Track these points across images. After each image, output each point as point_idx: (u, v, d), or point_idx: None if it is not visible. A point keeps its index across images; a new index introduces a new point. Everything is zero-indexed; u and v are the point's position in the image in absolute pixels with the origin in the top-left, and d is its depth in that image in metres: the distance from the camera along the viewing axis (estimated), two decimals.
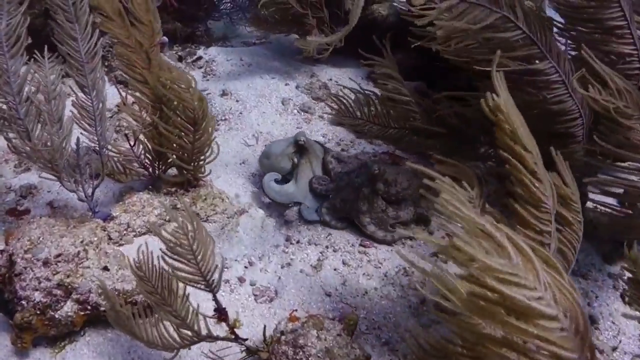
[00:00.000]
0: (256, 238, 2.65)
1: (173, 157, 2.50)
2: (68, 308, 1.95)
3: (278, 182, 2.85)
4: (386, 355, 2.17)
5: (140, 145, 2.54)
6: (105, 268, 1.99)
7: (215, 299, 1.59)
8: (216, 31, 4.88)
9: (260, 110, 3.67)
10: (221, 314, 1.58)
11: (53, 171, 2.14)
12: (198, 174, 2.57)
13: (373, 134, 3.22)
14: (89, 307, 1.97)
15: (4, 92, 2.01)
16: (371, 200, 2.70)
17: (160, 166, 2.58)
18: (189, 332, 1.63)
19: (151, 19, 2.39)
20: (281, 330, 1.83)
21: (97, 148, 2.24)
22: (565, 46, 2.56)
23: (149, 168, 2.56)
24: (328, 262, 2.53)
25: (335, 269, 2.49)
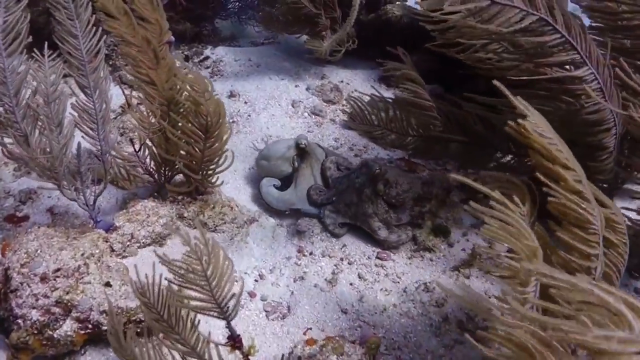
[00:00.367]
0: (267, 249, 2.51)
1: (180, 165, 2.35)
2: (67, 327, 1.81)
3: (276, 187, 2.74)
4: None
5: (145, 149, 2.40)
6: (107, 284, 1.85)
7: (229, 326, 1.45)
8: (223, 31, 4.74)
9: (269, 112, 3.53)
10: (235, 342, 1.44)
11: (52, 179, 1.99)
12: (207, 184, 2.42)
13: (390, 143, 3.03)
14: (90, 326, 1.83)
15: (0, 93, 1.87)
16: (374, 201, 2.58)
17: (166, 172, 2.43)
18: None
19: (158, 17, 2.25)
20: (298, 355, 1.68)
21: (99, 153, 2.09)
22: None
23: (155, 174, 2.42)
24: (343, 276, 2.38)
25: (351, 284, 2.35)
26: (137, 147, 2.37)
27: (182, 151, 2.32)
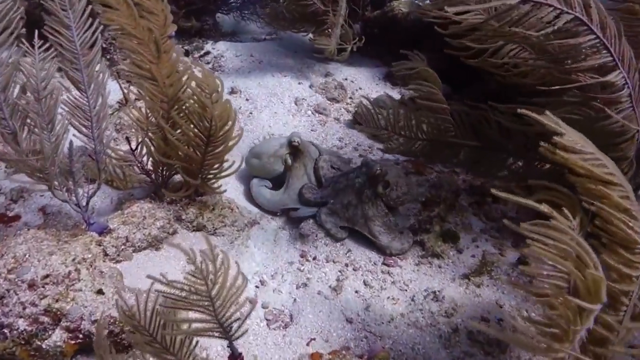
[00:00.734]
0: (268, 253, 2.40)
1: (179, 168, 2.23)
2: (57, 337, 1.70)
3: (267, 188, 2.63)
4: None
5: (143, 148, 2.28)
6: (99, 291, 1.74)
7: (231, 346, 1.34)
8: (225, 26, 4.62)
9: (271, 110, 3.42)
10: None
11: (42, 180, 1.88)
12: (207, 189, 2.30)
13: (396, 148, 2.83)
14: (81, 336, 1.72)
15: None
16: (374, 202, 2.47)
17: (164, 172, 2.32)
18: None
19: (163, 8, 2.12)
20: None
21: (93, 152, 1.97)
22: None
23: (152, 174, 2.30)
24: (348, 283, 2.27)
25: (356, 291, 2.24)
26: (134, 146, 2.26)
27: (181, 153, 2.20)
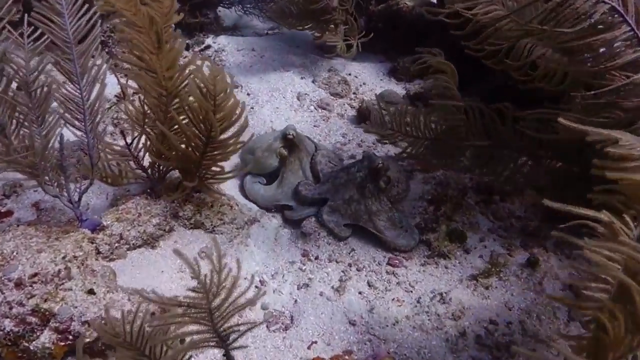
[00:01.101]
0: (269, 252, 2.32)
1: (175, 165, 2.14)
2: (45, 338, 1.62)
3: (261, 184, 2.54)
4: None
5: (139, 142, 2.19)
6: (90, 291, 1.66)
7: (227, 355, 1.25)
8: (226, 20, 4.54)
9: (273, 105, 3.33)
10: None
11: (32, 175, 1.79)
12: (204, 189, 2.21)
13: (411, 154, 2.64)
14: (71, 337, 1.64)
15: None
16: (377, 197, 2.38)
17: (161, 168, 2.23)
18: None
19: None
20: None
21: (86, 146, 1.89)
22: None
23: (148, 169, 2.22)
24: (352, 284, 2.19)
25: (360, 292, 2.15)
26: (130, 140, 2.18)
27: (178, 151, 2.10)
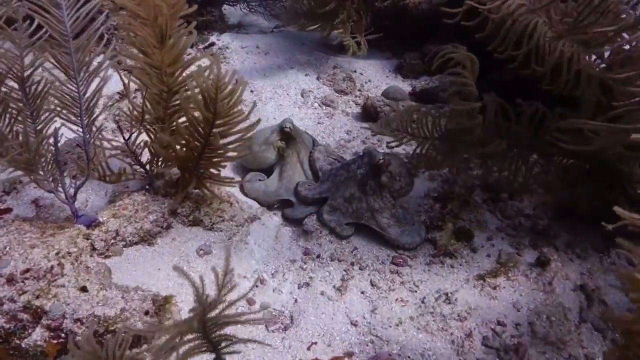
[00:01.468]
0: (269, 250, 2.26)
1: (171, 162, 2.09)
2: (37, 335, 1.58)
3: (261, 181, 2.49)
4: None
5: (138, 138, 2.15)
6: (83, 288, 1.61)
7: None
8: (231, 18, 4.51)
9: (277, 102, 3.28)
10: None
11: (25, 170, 1.76)
12: (202, 189, 2.16)
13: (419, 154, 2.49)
14: (63, 335, 1.59)
15: None
16: (379, 194, 2.32)
17: (159, 164, 2.19)
18: None
19: None
20: None
21: (82, 142, 1.85)
22: None
23: (146, 165, 2.18)
24: (354, 283, 2.12)
25: (362, 292, 2.09)
26: (128, 136, 2.14)
27: (175, 152, 2.05)
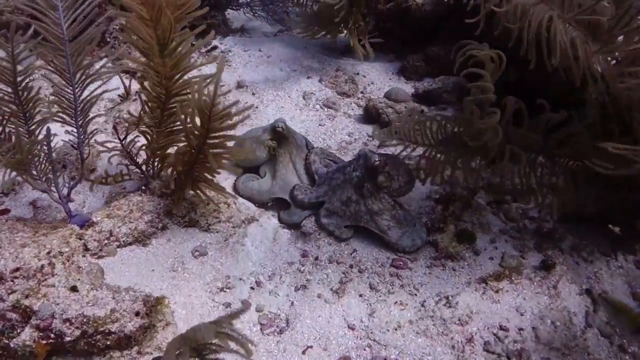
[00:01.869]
0: (267, 252, 2.22)
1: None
2: (26, 335, 1.56)
3: (254, 180, 2.47)
4: None
5: (134, 138, 2.14)
6: (73, 288, 1.59)
7: None
8: (234, 22, 4.52)
9: (278, 104, 3.26)
10: None
11: (19, 170, 1.75)
12: (196, 191, 2.13)
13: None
14: (52, 335, 1.57)
15: None
16: (377, 196, 2.27)
17: (155, 165, 2.17)
18: None
19: None
20: None
21: (77, 143, 1.84)
22: None
23: (142, 166, 2.16)
24: (352, 286, 2.08)
25: (360, 295, 2.04)
26: (128, 138, 2.12)
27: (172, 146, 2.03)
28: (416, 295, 2.06)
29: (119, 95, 3.10)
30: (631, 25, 1.87)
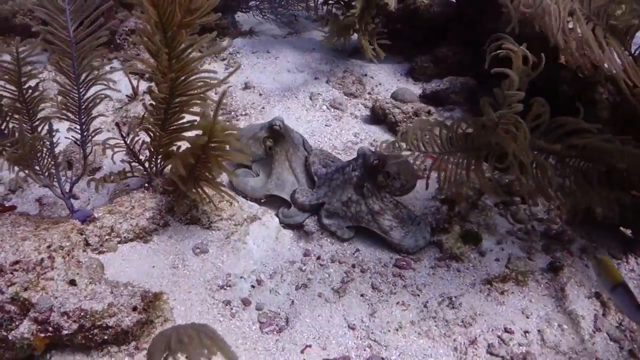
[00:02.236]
0: (268, 251, 2.21)
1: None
2: (24, 328, 1.56)
3: (250, 177, 2.46)
4: None
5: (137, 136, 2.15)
6: (72, 282, 1.59)
7: None
8: (244, 25, 4.54)
9: (285, 105, 3.26)
10: None
11: (21, 165, 1.76)
12: (198, 189, 2.12)
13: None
14: (50, 329, 1.57)
15: None
16: (378, 195, 2.24)
17: (158, 162, 2.18)
18: None
19: None
20: None
21: (80, 140, 1.85)
22: None
23: (145, 163, 2.17)
24: (354, 286, 2.05)
25: (362, 295, 2.01)
26: (130, 136, 2.13)
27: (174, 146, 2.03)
28: (419, 295, 2.02)
29: (127, 95, 3.13)
30: None
